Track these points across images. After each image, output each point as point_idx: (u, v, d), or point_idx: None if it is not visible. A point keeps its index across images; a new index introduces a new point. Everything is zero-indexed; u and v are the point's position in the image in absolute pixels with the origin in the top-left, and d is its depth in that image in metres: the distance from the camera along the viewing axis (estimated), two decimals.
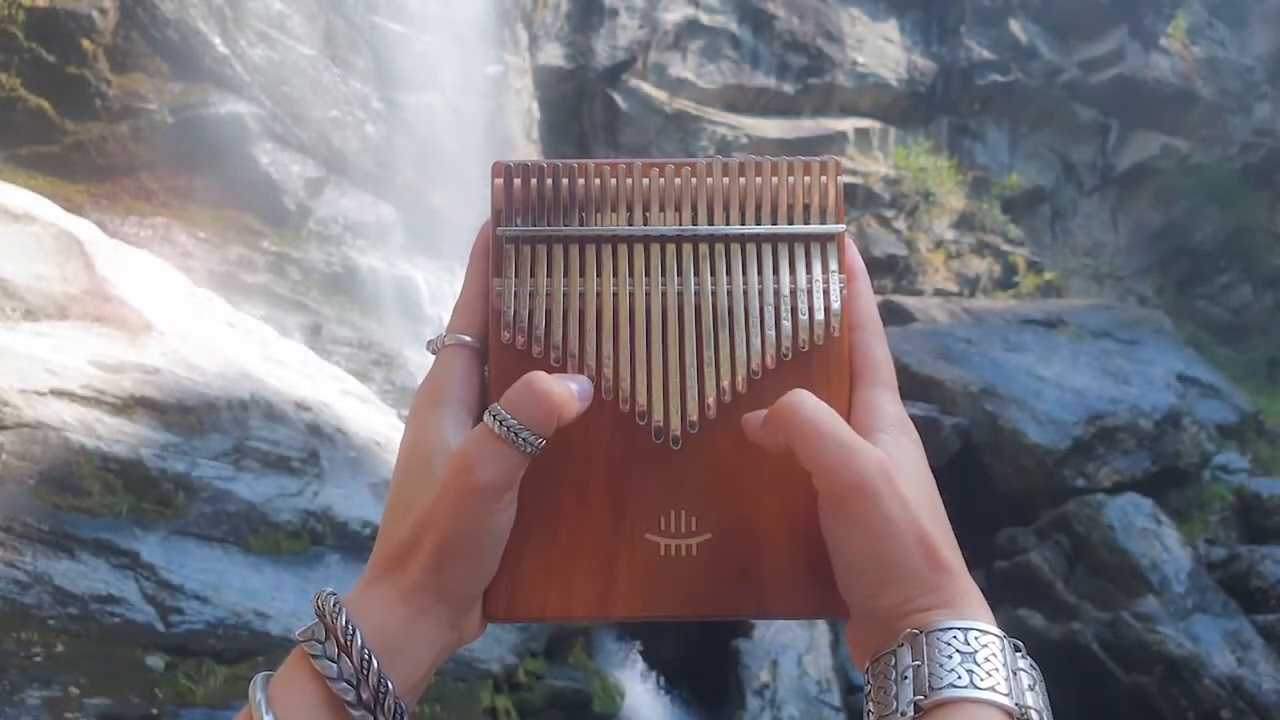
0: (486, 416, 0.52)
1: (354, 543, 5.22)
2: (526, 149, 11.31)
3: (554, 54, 12.69)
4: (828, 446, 0.51)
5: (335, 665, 0.49)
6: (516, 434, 0.52)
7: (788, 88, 14.54)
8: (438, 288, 9.15)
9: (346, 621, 0.50)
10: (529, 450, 0.52)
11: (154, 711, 3.83)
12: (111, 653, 4.03)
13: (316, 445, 5.74)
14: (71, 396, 5.00)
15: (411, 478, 0.55)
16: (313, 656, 0.50)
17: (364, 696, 0.49)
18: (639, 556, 0.57)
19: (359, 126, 9.73)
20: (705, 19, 13.94)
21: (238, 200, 8.53)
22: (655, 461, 0.58)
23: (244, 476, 5.23)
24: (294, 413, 5.84)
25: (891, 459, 0.54)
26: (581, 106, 13.25)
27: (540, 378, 0.53)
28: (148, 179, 8.31)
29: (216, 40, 8.77)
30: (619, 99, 13.24)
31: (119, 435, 4.97)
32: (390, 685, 0.50)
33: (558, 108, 12.57)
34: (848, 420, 0.57)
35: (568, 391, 0.53)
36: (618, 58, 13.19)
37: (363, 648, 0.50)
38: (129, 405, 5.18)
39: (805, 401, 0.53)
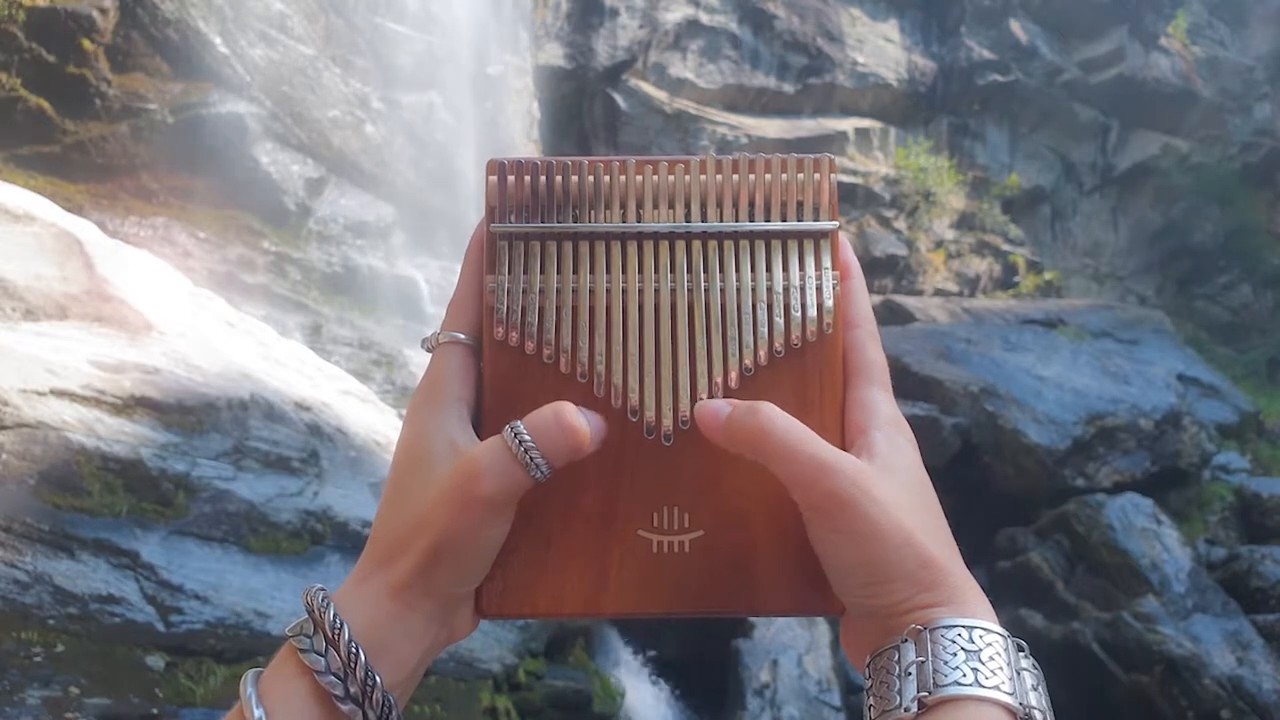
0: (506, 431, 0.53)
1: (354, 543, 5.22)
2: (527, 149, 11.32)
3: (554, 54, 12.69)
4: (801, 462, 0.52)
5: (323, 659, 0.50)
6: (531, 457, 0.52)
7: (788, 87, 14.54)
8: (438, 287, 9.16)
9: (334, 616, 0.51)
10: (537, 476, 0.53)
11: (154, 711, 3.83)
12: (111, 652, 4.03)
13: (316, 445, 5.74)
14: (71, 396, 5.00)
15: (408, 476, 0.55)
16: (301, 651, 0.50)
17: (352, 690, 0.49)
18: (631, 553, 0.57)
19: (359, 126, 9.74)
20: (705, 19, 13.94)
21: (238, 200, 8.53)
22: (647, 458, 0.58)
23: (244, 476, 5.23)
24: (294, 413, 5.84)
25: (882, 457, 0.54)
26: (582, 106, 13.25)
27: (570, 411, 0.53)
28: (148, 179, 8.31)
29: (217, 40, 8.77)
30: (619, 99, 13.24)
31: (119, 435, 4.97)
32: (378, 679, 0.50)
33: (558, 108, 12.58)
34: (841, 419, 0.58)
35: (587, 429, 0.53)
36: (618, 58, 13.19)
37: (350, 642, 0.50)
38: (129, 405, 5.17)
39: (775, 419, 0.53)
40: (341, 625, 0.50)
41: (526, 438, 0.52)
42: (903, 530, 0.51)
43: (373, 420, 6.55)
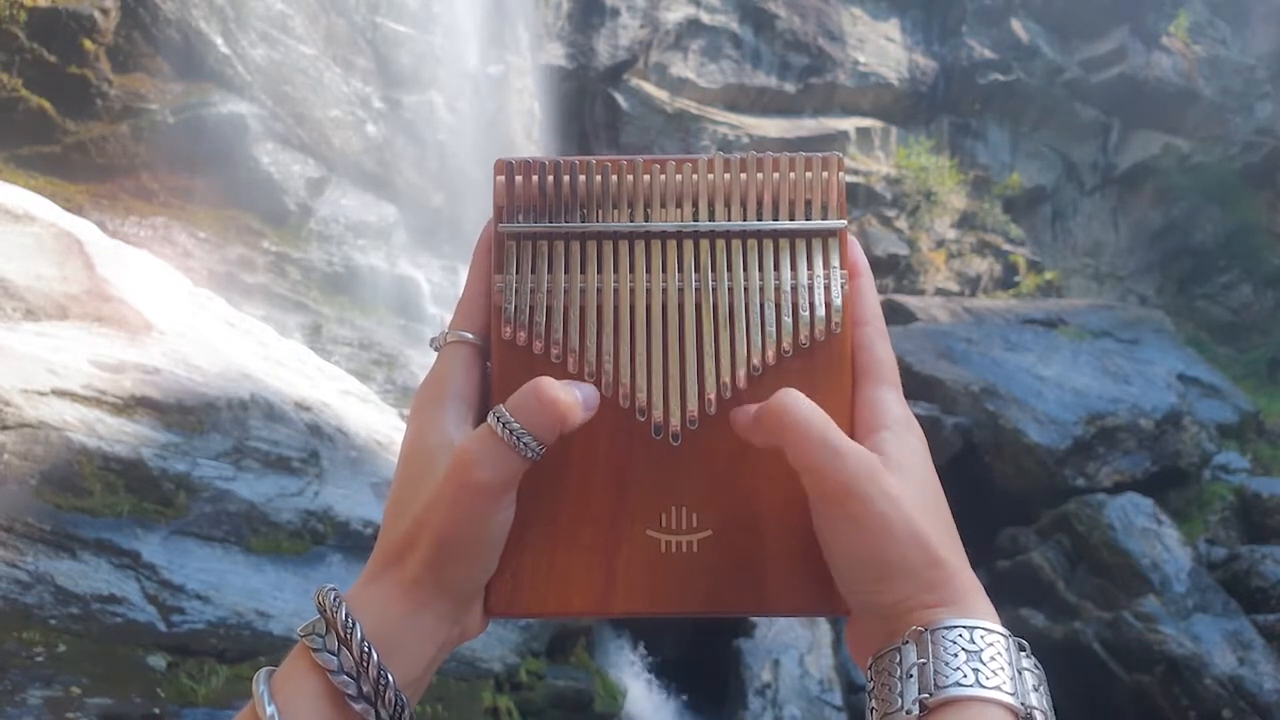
0: (490, 417, 0.52)
1: (355, 542, 5.22)
2: (528, 149, 11.32)
3: (555, 54, 12.70)
4: (815, 448, 0.51)
5: (336, 659, 0.49)
6: (519, 438, 0.51)
7: (789, 87, 14.54)
8: (439, 287, 9.15)
9: (347, 615, 0.51)
10: (529, 455, 0.52)
11: (156, 711, 3.83)
12: (113, 652, 4.03)
13: (316, 445, 5.74)
14: (73, 396, 5.00)
15: (412, 475, 0.55)
16: (313, 650, 0.50)
17: (364, 689, 0.49)
18: (639, 553, 0.57)
19: (360, 126, 9.74)
20: (706, 18, 13.94)
21: (238, 200, 8.53)
22: (656, 458, 0.57)
23: (244, 476, 5.23)
24: (294, 413, 5.84)
25: (892, 457, 0.53)
26: (583, 106, 13.25)
27: (548, 384, 0.52)
28: (148, 179, 8.31)
29: (218, 40, 8.77)
30: (620, 99, 13.24)
31: (120, 435, 4.97)
32: (391, 678, 0.50)
33: (559, 108, 12.58)
34: (851, 418, 0.57)
35: (574, 399, 0.53)
36: (619, 57, 13.19)
37: (363, 641, 0.50)
38: (130, 405, 5.18)
39: (796, 403, 0.53)
40: (354, 625, 0.50)
41: (511, 420, 0.52)
42: (912, 527, 0.51)
43: (373, 420, 6.55)
